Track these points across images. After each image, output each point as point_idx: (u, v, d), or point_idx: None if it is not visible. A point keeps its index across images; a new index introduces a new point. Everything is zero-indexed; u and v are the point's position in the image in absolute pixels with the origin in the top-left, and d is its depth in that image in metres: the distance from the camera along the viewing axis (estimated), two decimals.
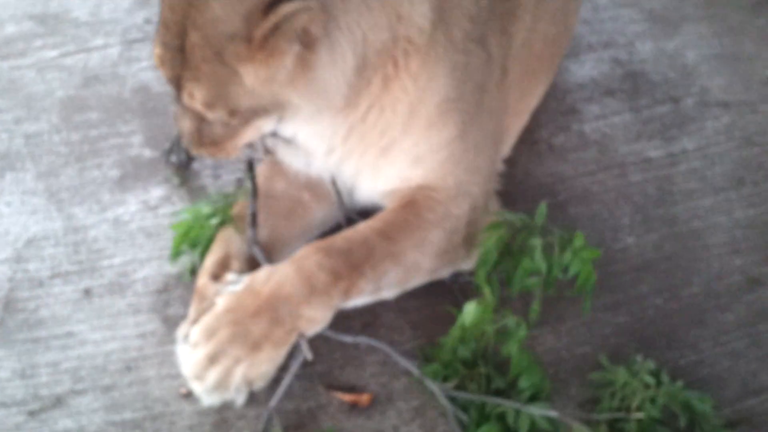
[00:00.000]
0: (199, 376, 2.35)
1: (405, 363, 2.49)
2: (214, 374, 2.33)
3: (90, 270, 2.77)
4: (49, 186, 3.00)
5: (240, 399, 2.38)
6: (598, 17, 3.90)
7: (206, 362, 2.34)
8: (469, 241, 2.64)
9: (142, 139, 3.18)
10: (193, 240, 2.67)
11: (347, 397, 2.49)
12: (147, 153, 3.12)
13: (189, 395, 2.45)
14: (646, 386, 2.44)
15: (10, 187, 3.00)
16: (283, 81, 2.21)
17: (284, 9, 2.07)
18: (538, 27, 2.81)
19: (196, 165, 3.05)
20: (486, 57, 2.51)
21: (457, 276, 2.72)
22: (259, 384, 2.39)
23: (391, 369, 2.54)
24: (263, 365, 2.36)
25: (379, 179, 2.60)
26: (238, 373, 2.34)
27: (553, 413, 2.35)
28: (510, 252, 2.57)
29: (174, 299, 2.69)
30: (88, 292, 2.72)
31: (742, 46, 3.85)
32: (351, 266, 2.43)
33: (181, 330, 2.48)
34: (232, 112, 2.26)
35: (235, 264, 2.58)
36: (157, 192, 2.99)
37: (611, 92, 3.55)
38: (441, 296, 2.72)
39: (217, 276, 2.54)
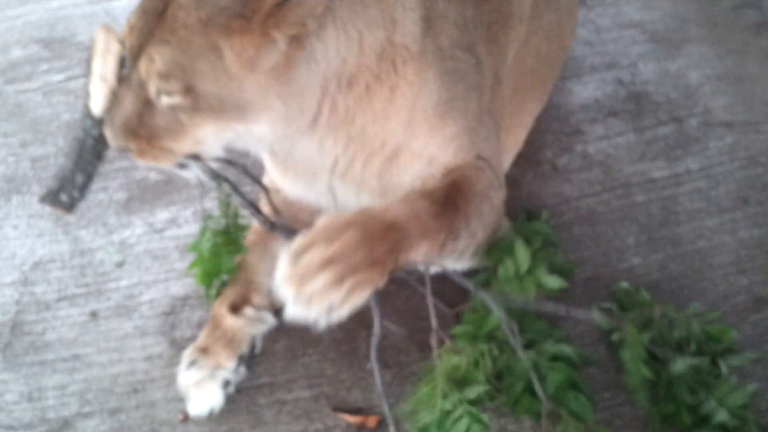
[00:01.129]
0: (303, 280, 2.11)
1: (461, 280, 2.44)
2: (322, 279, 2.10)
3: (96, 293, 2.78)
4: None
5: (323, 316, 2.13)
6: (601, 38, 3.92)
7: (319, 266, 2.12)
8: (497, 213, 2.64)
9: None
10: (211, 274, 2.65)
11: (354, 419, 2.49)
12: (153, 176, 3.13)
13: (186, 420, 2.46)
14: None
15: (16, 210, 3.02)
16: (263, 71, 2.15)
17: None
18: (531, 42, 2.82)
19: (200, 186, 3.04)
20: (475, 62, 2.50)
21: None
22: (344, 311, 2.16)
23: (398, 390, 2.53)
24: (366, 291, 2.17)
25: (389, 189, 2.55)
26: (347, 286, 2.13)
27: None
28: None
29: (181, 321, 2.70)
30: (94, 315, 2.72)
31: (744, 67, 3.86)
32: (449, 220, 2.36)
33: (188, 354, 2.48)
34: (188, 91, 2.14)
35: (256, 299, 2.58)
36: (163, 215, 3.00)
37: (615, 113, 3.56)
38: (447, 317, 2.72)
39: (236, 308, 2.54)
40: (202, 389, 2.46)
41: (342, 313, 2.14)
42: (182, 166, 2.37)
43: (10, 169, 3.14)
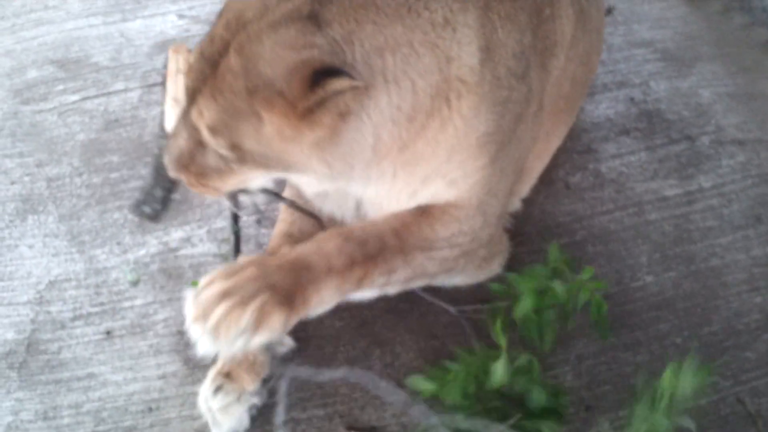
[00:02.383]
0: (205, 314, 2.15)
1: (390, 393, 2.43)
2: (222, 308, 2.15)
3: (111, 311, 2.79)
4: (71, 228, 3.02)
5: (240, 345, 2.16)
6: (613, 57, 3.93)
7: (218, 298, 2.17)
8: (471, 258, 2.67)
9: None
10: None
11: None
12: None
13: None
14: None
15: (32, 229, 3.03)
16: (305, 145, 2.20)
17: (334, 86, 2.07)
18: (568, 68, 2.83)
19: (214, 206, 3.06)
20: (526, 91, 2.53)
21: (462, 311, 2.73)
22: (264, 335, 2.18)
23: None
24: (275, 315, 2.18)
25: (413, 200, 2.59)
26: (252, 306, 2.15)
27: None
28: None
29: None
30: (109, 334, 2.73)
31: (756, 85, 3.87)
32: (366, 256, 2.41)
33: (211, 379, 2.49)
34: (234, 147, 2.20)
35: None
36: (177, 234, 3.01)
37: (627, 131, 3.57)
38: (460, 335, 2.73)
39: None
40: (230, 414, 2.47)
41: (261, 337, 2.16)
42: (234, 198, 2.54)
43: (26, 189, 3.16)
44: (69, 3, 4.01)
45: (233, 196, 2.52)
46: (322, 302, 2.35)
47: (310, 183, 2.47)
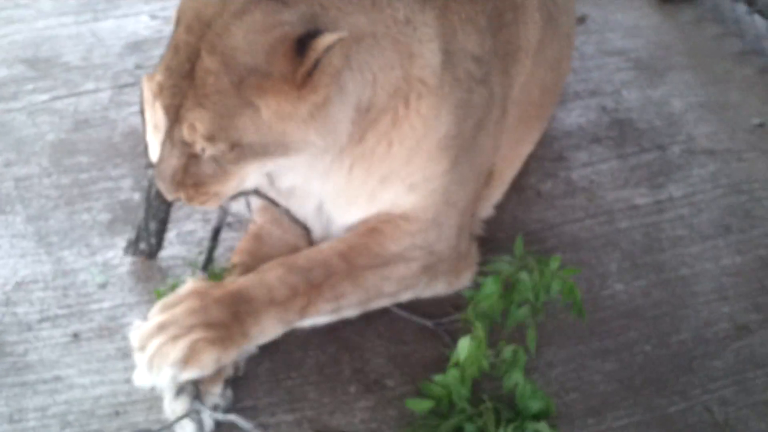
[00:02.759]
0: (143, 346, 2.26)
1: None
2: (156, 342, 2.23)
3: (79, 314, 2.76)
4: (39, 229, 3.00)
5: (168, 379, 2.24)
6: (585, 65, 3.95)
7: (154, 330, 2.27)
8: (434, 272, 2.68)
9: (132, 183, 3.19)
10: None
11: None
12: (137, 197, 3.11)
13: None
14: None
15: None
16: (302, 117, 2.19)
17: (324, 42, 2.07)
18: (536, 74, 2.84)
19: (184, 209, 3.04)
20: (488, 95, 2.54)
21: (438, 323, 2.74)
22: (194, 372, 2.24)
23: (381, 415, 2.53)
24: (209, 350, 2.24)
25: (373, 205, 2.60)
26: (182, 343, 2.22)
27: None
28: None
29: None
30: (77, 336, 2.71)
31: (727, 95, 3.90)
32: (310, 284, 2.43)
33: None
34: (234, 146, 2.19)
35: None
36: None
37: (598, 140, 3.58)
38: (430, 341, 2.73)
39: None
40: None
41: (190, 373, 2.24)
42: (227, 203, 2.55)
43: None
44: (40, 2, 3.99)
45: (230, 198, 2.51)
46: (263, 333, 2.40)
47: (295, 169, 2.45)
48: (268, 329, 2.40)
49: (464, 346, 2.44)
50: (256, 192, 2.56)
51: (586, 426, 2.57)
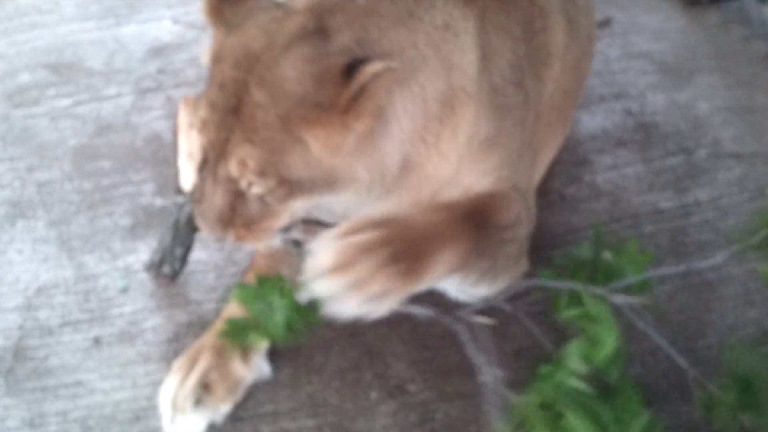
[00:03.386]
0: (354, 260, 2.07)
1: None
2: (375, 258, 2.08)
3: (100, 318, 2.78)
4: (61, 234, 3.01)
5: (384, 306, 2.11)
6: (610, 69, 3.92)
7: (369, 247, 2.11)
8: (520, 252, 2.64)
9: (153, 188, 3.19)
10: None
11: None
12: (158, 202, 3.12)
13: None
14: None
15: (21, 234, 3.01)
16: (350, 150, 2.15)
17: (371, 69, 2.03)
18: (561, 78, 2.82)
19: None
20: (524, 97, 2.52)
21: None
22: (383, 306, 2.10)
23: (402, 420, 2.52)
24: (406, 283, 2.13)
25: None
26: (394, 269, 2.09)
27: None
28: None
29: (184, 348, 2.67)
30: (98, 341, 2.72)
31: (753, 98, 3.86)
32: (468, 230, 2.34)
33: (191, 388, 2.45)
34: (282, 183, 2.14)
35: (263, 342, 2.57)
36: None
37: (623, 143, 3.56)
38: (452, 345, 2.71)
39: (245, 350, 2.54)
40: (196, 426, 2.46)
41: (383, 307, 2.10)
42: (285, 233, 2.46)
43: (15, 194, 3.14)
44: (62, 7, 3.99)
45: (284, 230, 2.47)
46: (445, 266, 2.28)
47: (343, 204, 2.42)
48: (435, 277, 2.27)
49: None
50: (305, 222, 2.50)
51: None
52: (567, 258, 2.57)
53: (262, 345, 2.56)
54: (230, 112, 2.08)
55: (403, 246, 2.16)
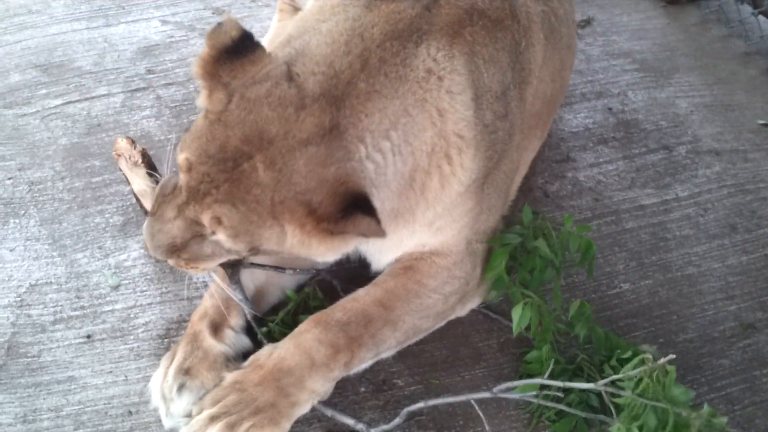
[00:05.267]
0: None
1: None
2: (213, 431, 2.30)
3: (92, 315, 2.79)
4: (52, 232, 3.03)
5: None
6: (591, 68, 3.97)
7: (206, 422, 2.33)
8: (465, 296, 2.72)
9: None
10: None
11: None
12: None
13: None
14: None
15: (13, 233, 3.03)
16: (324, 248, 2.24)
17: (362, 227, 2.13)
18: (539, 88, 2.85)
19: None
20: (509, 127, 2.56)
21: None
22: None
23: (391, 414, 2.55)
24: (266, 431, 2.33)
25: (399, 250, 2.64)
26: (240, 431, 2.30)
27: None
28: (519, 263, 2.71)
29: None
30: (90, 338, 2.73)
31: (732, 96, 3.92)
32: (350, 338, 2.46)
33: (173, 375, 2.47)
34: (252, 249, 2.25)
35: (234, 318, 2.61)
36: None
37: (605, 141, 3.60)
38: (439, 340, 2.75)
39: (216, 327, 2.56)
40: (185, 408, 2.47)
41: None
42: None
43: (7, 193, 3.16)
44: (53, 8, 4.02)
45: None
46: (313, 395, 2.44)
47: None
48: (316, 391, 2.44)
49: (518, 311, 2.53)
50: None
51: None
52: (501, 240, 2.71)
53: (233, 321, 2.61)
54: (223, 170, 2.13)
55: (262, 396, 2.37)
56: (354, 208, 2.10)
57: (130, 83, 3.64)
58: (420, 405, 2.47)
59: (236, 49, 2.18)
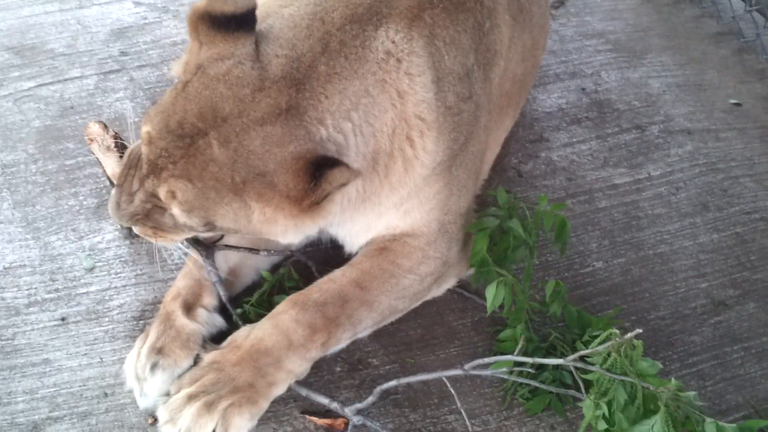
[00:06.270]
0: (173, 418, 2.33)
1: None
2: (192, 409, 2.31)
3: (66, 298, 2.79)
4: (26, 215, 3.01)
5: None
6: (565, 48, 3.98)
7: (184, 401, 2.34)
8: (442, 276, 2.74)
9: None
10: None
11: (322, 422, 2.52)
12: None
13: (155, 423, 2.43)
14: None
15: None
16: (290, 227, 2.27)
17: (339, 179, 2.13)
18: (508, 68, 2.86)
19: None
20: (474, 108, 2.57)
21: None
22: None
23: (366, 394, 2.56)
24: (241, 413, 2.33)
25: (370, 232, 2.66)
26: (216, 414, 2.31)
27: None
28: (494, 243, 2.72)
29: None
30: (64, 320, 2.73)
31: (704, 76, 3.94)
32: (327, 319, 2.48)
33: (145, 354, 2.47)
34: (207, 224, 2.26)
35: (207, 298, 2.62)
36: None
37: (578, 120, 3.62)
38: (414, 320, 2.77)
39: (188, 307, 2.56)
40: (160, 388, 2.47)
41: None
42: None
43: None
44: None
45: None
46: (289, 376, 2.45)
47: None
48: (293, 372, 2.46)
49: (492, 290, 2.54)
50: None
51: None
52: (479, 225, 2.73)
53: (206, 300, 2.61)
54: (180, 147, 2.15)
55: (240, 376, 2.38)
56: (320, 169, 2.11)
57: (103, 65, 3.62)
58: (393, 383, 2.49)
59: (229, 20, 2.18)
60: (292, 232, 2.29)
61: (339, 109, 2.22)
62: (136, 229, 2.36)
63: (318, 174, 2.11)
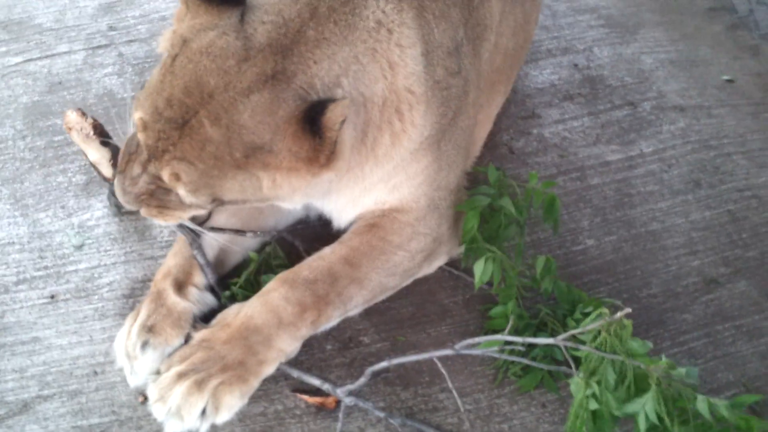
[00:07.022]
0: (163, 396, 2.32)
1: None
2: (182, 388, 2.30)
3: (56, 275, 2.78)
4: (14, 192, 3.00)
5: (203, 428, 2.33)
6: (557, 23, 3.96)
7: (174, 380, 2.33)
8: (432, 254, 2.73)
9: None
10: None
11: (313, 400, 2.52)
12: None
13: (146, 401, 2.42)
14: None
15: None
16: (303, 188, 2.26)
17: (337, 115, 2.08)
18: (499, 43, 2.85)
19: None
20: (463, 83, 2.55)
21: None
22: (224, 415, 2.33)
23: (357, 372, 2.56)
24: (232, 391, 2.33)
25: (357, 207, 2.64)
26: (206, 393, 2.30)
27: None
28: (485, 221, 2.72)
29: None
30: (54, 298, 2.72)
31: (697, 52, 3.93)
32: (317, 297, 2.47)
33: (136, 333, 2.45)
34: (215, 200, 2.24)
35: (198, 277, 2.60)
36: None
37: (570, 97, 3.61)
38: (405, 297, 2.76)
39: (180, 285, 2.55)
40: (150, 366, 2.46)
41: (222, 416, 2.33)
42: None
43: None
44: None
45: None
46: (281, 353, 2.44)
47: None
48: (285, 349, 2.45)
49: (480, 266, 2.56)
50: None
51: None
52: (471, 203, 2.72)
53: (196, 278, 2.60)
54: (174, 128, 2.12)
55: (230, 354, 2.37)
56: (315, 122, 2.09)
57: (91, 40, 3.60)
58: (384, 364, 2.48)
59: None
60: (303, 192, 2.29)
61: (328, 74, 2.19)
62: (142, 211, 2.33)
63: (316, 127, 2.09)
